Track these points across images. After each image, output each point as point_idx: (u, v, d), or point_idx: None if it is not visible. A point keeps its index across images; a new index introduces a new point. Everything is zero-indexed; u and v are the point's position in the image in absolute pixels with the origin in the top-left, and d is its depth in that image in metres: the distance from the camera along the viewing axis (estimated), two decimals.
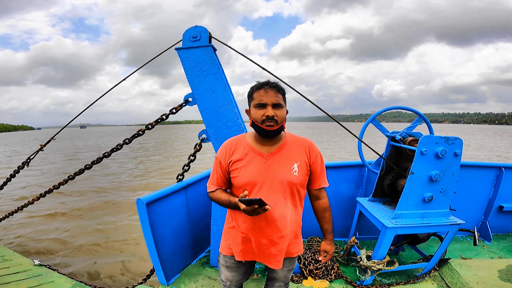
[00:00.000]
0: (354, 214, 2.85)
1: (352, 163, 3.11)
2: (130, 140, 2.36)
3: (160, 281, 2.34)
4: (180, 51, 2.26)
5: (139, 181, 11.33)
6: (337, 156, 18.38)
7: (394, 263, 2.30)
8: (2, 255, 3.41)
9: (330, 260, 2.57)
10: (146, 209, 2.06)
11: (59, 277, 2.87)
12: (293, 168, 1.36)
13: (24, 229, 6.10)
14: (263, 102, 1.30)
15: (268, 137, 1.37)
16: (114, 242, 5.36)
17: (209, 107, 2.21)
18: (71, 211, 7.37)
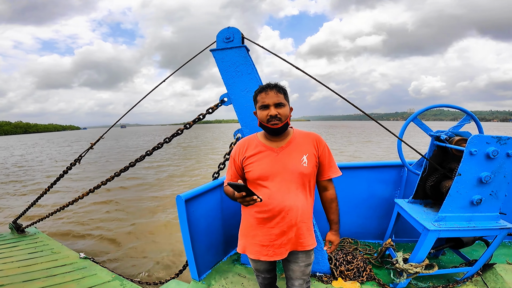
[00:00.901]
0: (392, 216, 2.75)
1: (390, 163, 2.98)
2: (170, 139, 2.48)
3: (192, 277, 2.40)
4: (214, 52, 2.32)
5: (177, 177, 11.79)
6: (369, 156, 17.70)
7: (433, 267, 2.19)
8: (51, 248, 3.74)
9: (362, 262, 2.52)
10: (184, 205, 2.14)
11: (101, 270, 3.07)
12: (303, 160, 1.46)
13: (72, 223, 6.62)
14: (266, 103, 1.42)
15: (275, 134, 1.48)
16: (150, 237, 5.63)
17: (244, 106, 2.25)
18: (115, 205, 7.88)
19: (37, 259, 3.36)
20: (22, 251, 3.63)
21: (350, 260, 2.55)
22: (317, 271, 2.46)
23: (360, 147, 22.29)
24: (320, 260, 2.45)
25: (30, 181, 12.16)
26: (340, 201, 2.95)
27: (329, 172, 1.55)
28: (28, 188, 10.64)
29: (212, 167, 14.05)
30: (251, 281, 2.40)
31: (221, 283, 2.38)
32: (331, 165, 1.55)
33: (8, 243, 3.94)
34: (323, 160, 1.53)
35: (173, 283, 2.42)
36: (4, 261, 3.30)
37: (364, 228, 3.13)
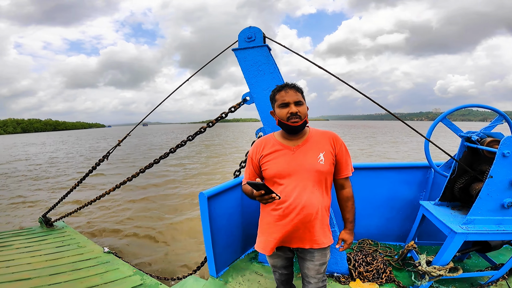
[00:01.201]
0: (416, 218, 2.68)
1: (415, 165, 2.90)
2: (193, 137, 2.53)
3: (210, 273, 2.43)
4: (237, 51, 2.34)
5: (200, 175, 12.02)
6: (390, 156, 17.21)
7: (458, 270, 2.12)
8: (77, 241, 3.88)
9: (382, 263, 2.47)
10: (207, 202, 2.18)
11: (123, 264, 3.16)
12: (319, 158, 1.47)
13: (98, 217, 6.91)
14: (286, 101, 1.45)
15: (294, 132, 1.51)
16: (171, 234, 5.78)
17: (267, 105, 2.27)
18: (139, 202, 8.15)
19: (63, 253, 3.50)
20: (50, 245, 3.78)
21: (370, 261, 2.51)
22: (335, 272, 2.44)
23: (386, 148, 21.65)
24: (338, 261, 2.42)
25: (62, 177, 12.81)
26: (361, 202, 2.94)
27: (346, 170, 1.56)
28: (60, 184, 11.17)
29: (233, 164, 14.23)
30: (267, 279, 2.41)
31: (238, 280, 2.40)
32: (348, 163, 1.57)
33: (37, 237, 4.11)
34: (340, 158, 1.54)
35: (191, 279, 2.45)
36: (32, 254, 3.45)
37: (385, 230, 3.07)
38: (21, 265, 3.14)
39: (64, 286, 2.70)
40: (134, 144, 31.88)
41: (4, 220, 7.00)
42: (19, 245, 3.77)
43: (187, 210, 7.21)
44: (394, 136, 34.34)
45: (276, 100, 1.51)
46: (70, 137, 61.87)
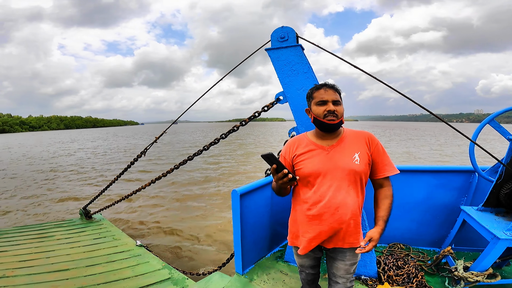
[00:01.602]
0: (455, 224, 2.56)
1: (457, 168, 2.75)
2: (226, 135, 2.59)
3: (236, 270, 2.44)
4: (270, 51, 2.36)
5: (232, 174, 12.23)
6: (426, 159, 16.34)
7: (496, 276, 2.03)
8: (113, 234, 4.09)
9: (414, 268, 2.38)
10: (239, 200, 2.21)
11: (153, 258, 3.28)
12: (354, 157, 1.46)
13: (133, 211, 7.27)
14: (324, 99, 1.45)
15: (329, 130, 1.50)
16: (198, 230, 5.95)
17: (300, 105, 2.27)
18: (173, 197, 8.48)
19: (100, 245, 3.69)
20: (88, 236, 4.02)
21: (401, 265, 2.43)
22: (362, 274, 2.39)
23: (427, 151, 20.56)
24: (367, 263, 2.37)
25: (102, 171, 13.61)
26: (395, 206, 2.81)
27: (384, 170, 1.52)
28: (103, 178, 11.90)
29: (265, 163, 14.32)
30: (292, 279, 2.40)
31: (263, 278, 2.41)
32: (385, 163, 1.52)
33: (77, 228, 4.38)
34: (376, 158, 1.51)
35: (217, 275, 2.48)
36: (72, 245, 3.68)
37: (418, 234, 2.96)
38: (61, 256, 3.34)
39: (99, 277, 2.84)
40: (167, 141, 33.05)
41: (49, 210, 7.61)
42: (60, 236, 4.03)
43: (216, 208, 7.37)
44: (436, 138, 32.56)
45: (314, 98, 1.51)
46: (108, 134, 65.53)
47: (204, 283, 2.42)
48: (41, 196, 9.02)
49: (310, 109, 1.57)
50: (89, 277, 2.85)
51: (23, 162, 17.62)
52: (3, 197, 8.91)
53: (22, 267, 3.03)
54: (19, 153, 22.70)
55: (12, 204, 8.10)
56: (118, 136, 48.36)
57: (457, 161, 15.61)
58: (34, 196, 9.02)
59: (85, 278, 2.81)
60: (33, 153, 22.59)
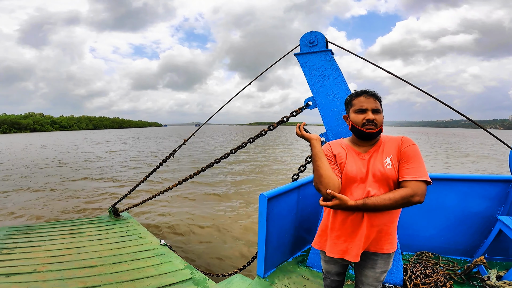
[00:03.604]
0: (491, 233, 2.51)
1: (493, 177, 2.66)
2: (254, 139, 2.62)
3: (257, 273, 2.45)
4: (299, 56, 2.36)
5: (258, 175, 12.30)
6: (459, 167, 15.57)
7: None
8: (138, 232, 4.19)
9: (443, 277, 2.32)
10: (266, 203, 2.22)
11: (176, 257, 3.33)
12: (386, 161, 1.43)
13: (158, 210, 7.45)
14: (364, 107, 1.44)
15: (367, 139, 1.48)
16: (223, 232, 5.97)
17: (331, 111, 2.26)
18: (200, 199, 8.60)
19: (126, 243, 3.78)
20: (115, 234, 4.12)
21: (429, 274, 2.37)
22: (387, 282, 2.33)
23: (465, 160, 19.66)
24: (393, 271, 2.32)
25: (132, 170, 14.05)
26: (422, 213, 2.81)
27: (406, 174, 1.37)
28: (132, 178, 12.24)
29: (291, 168, 14.29)
30: (314, 284, 2.37)
31: (283, 282, 2.40)
32: (411, 166, 1.38)
33: (106, 225, 4.51)
34: (402, 157, 1.41)
35: (237, 277, 2.49)
36: (100, 242, 3.79)
37: (448, 244, 2.87)
38: (90, 252, 3.44)
39: (124, 275, 2.90)
40: (192, 143, 33.65)
41: (83, 206, 7.98)
42: (90, 232, 4.17)
43: (241, 210, 7.42)
44: (474, 145, 30.88)
45: (353, 105, 1.50)
46: (137, 134, 67.38)
47: (225, 284, 2.44)
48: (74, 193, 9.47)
49: (348, 116, 1.55)
50: (115, 274, 2.92)
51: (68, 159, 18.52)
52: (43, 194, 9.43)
53: (54, 263, 3.13)
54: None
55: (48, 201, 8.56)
56: (150, 138, 49.34)
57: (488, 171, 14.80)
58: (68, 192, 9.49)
59: (111, 275, 2.89)
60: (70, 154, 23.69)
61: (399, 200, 1.32)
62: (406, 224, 2.84)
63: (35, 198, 8.80)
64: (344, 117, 1.60)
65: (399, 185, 1.41)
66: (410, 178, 1.35)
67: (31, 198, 8.77)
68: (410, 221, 2.84)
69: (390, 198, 1.33)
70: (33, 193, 9.50)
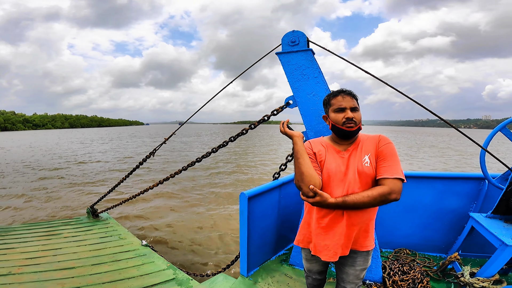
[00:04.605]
0: (463, 230, 2.57)
1: (465, 175, 2.76)
2: (235, 138, 2.61)
3: (241, 272, 2.46)
4: (280, 55, 2.36)
5: (239, 175, 12.24)
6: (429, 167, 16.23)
7: (502, 283, 2.03)
8: (119, 233, 4.10)
9: (420, 273, 2.40)
10: (247, 202, 2.22)
11: (158, 258, 3.29)
12: (365, 159, 1.46)
13: (139, 210, 7.31)
14: (343, 106, 1.47)
15: (347, 137, 1.52)
16: (205, 232, 5.95)
17: (310, 110, 2.27)
18: (179, 198, 8.50)
19: (106, 244, 3.70)
20: (94, 235, 4.03)
21: (406, 270, 2.45)
22: (367, 279, 2.39)
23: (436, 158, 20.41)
24: (373, 268, 2.37)
25: (111, 171, 13.67)
26: (400, 211, 2.89)
27: (382, 171, 1.41)
28: (111, 176, 12.00)
29: (272, 167, 14.34)
30: (297, 282, 2.40)
31: (267, 281, 2.41)
32: (387, 164, 1.41)
33: (84, 226, 4.40)
34: (379, 155, 1.45)
35: (221, 277, 2.49)
36: (78, 243, 3.69)
37: (425, 241, 2.96)
38: (68, 254, 3.35)
39: (105, 276, 2.85)
40: (174, 142, 33.05)
41: (59, 206, 7.68)
42: (68, 234, 4.05)
43: (223, 209, 7.39)
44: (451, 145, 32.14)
45: (332, 105, 1.52)
46: (113, 133, 65.46)
47: (208, 284, 2.43)
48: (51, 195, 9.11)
49: (327, 116, 1.57)
50: (95, 275, 2.86)
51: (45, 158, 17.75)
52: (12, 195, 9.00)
53: (29, 265, 3.05)
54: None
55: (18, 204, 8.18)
56: (136, 137, 47.82)
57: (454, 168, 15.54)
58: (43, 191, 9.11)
59: (91, 277, 2.83)
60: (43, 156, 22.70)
61: (377, 198, 1.35)
62: (385, 222, 2.91)
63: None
64: (323, 117, 1.62)
65: (376, 182, 1.44)
66: (387, 176, 1.38)
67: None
68: (389, 218, 2.91)
69: (369, 195, 1.36)
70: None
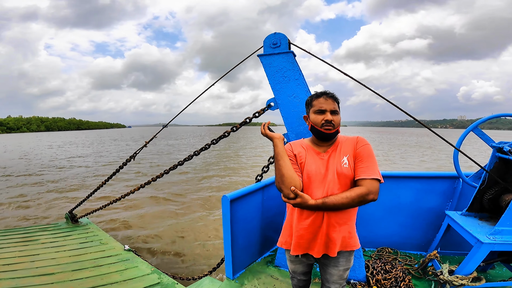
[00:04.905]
0: (440, 228, 2.64)
1: (441, 174, 2.84)
2: (217, 140, 2.58)
3: (226, 275, 2.44)
4: (262, 57, 2.36)
5: (221, 178, 12.14)
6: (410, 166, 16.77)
7: (481, 280, 2.09)
8: (100, 238, 4.00)
9: (401, 272, 2.45)
10: (229, 205, 2.20)
11: (142, 262, 3.24)
12: (343, 161, 1.49)
13: (121, 215, 7.13)
14: (323, 108, 1.49)
15: (325, 139, 1.54)
16: (189, 235, 5.89)
17: (291, 112, 2.28)
18: (162, 202, 8.36)
19: (86, 249, 3.60)
20: (74, 241, 3.91)
21: (389, 269, 2.49)
22: (351, 279, 2.42)
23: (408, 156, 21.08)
24: (356, 267, 2.41)
25: (91, 176, 13.26)
26: (381, 210, 2.94)
27: (360, 172, 1.43)
28: (90, 181, 11.62)
29: (255, 169, 14.31)
30: (283, 284, 2.40)
31: (253, 283, 2.41)
32: (368, 166, 1.44)
33: (63, 232, 4.25)
34: (357, 156, 1.48)
35: (207, 280, 2.48)
36: (57, 249, 3.58)
37: (405, 239, 3.02)
38: (46, 260, 3.24)
39: (86, 282, 2.78)
40: (158, 145, 32.46)
41: (35, 213, 7.35)
42: (45, 240, 3.91)
43: (208, 212, 7.31)
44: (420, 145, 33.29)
45: (313, 106, 1.54)
46: (97, 136, 63.55)
47: (194, 287, 2.40)
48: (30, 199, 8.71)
49: (308, 116, 1.59)
50: (75, 281, 2.79)
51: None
52: None
53: (6, 271, 2.95)
54: None
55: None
56: (119, 140, 46.50)
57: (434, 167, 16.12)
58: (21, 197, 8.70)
59: (71, 282, 2.76)
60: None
61: (356, 199, 1.37)
62: (368, 221, 2.96)
63: None
64: (304, 118, 1.64)
65: (355, 183, 1.46)
66: (364, 177, 1.41)
67: None
68: (371, 217, 2.96)
69: (348, 196, 1.38)
70: None
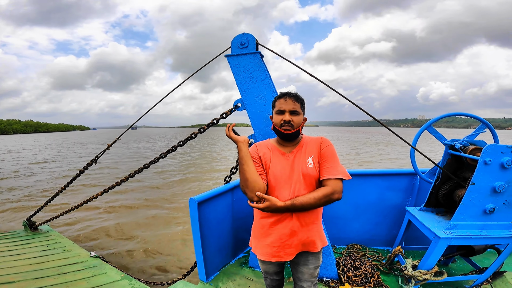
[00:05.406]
0: (402, 224, 2.75)
1: (401, 171, 2.97)
2: (184, 142, 2.52)
3: (200, 278, 2.42)
4: (229, 58, 2.35)
5: (189, 181, 11.84)
6: (377, 163, 17.58)
7: (443, 274, 2.19)
8: (63, 245, 3.79)
9: (370, 268, 2.52)
10: (197, 208, 2.17)
11: (110, 269, 3.11)
12: (308, 161, 1.51)
13: (84, 222, 6.73)
14: (282, 109, 1.51)
15: (285, 139, 1.56)
16: (160, 239, 5.68)
17: (258, 112, 2.29)
18: (127, 206, 7.99)
19: (48, 257, 3.41)
20: (34, 248, 3.69)
21: (358, 266, 2.56)
22: (324, 276, 2.47)
23: (370, 154, 22.12)
24: (328, 265, 2.46)
25: (49, 181, 12.39)
26: (350, 208, 3.02)
27: (326, 172, 1.46)
28: (48, 187, 10.83)
29: (224, 171, 14.15)
30: (258, 284, 2.41)
31: (228, 285, 2.40)
32: (329, 165, 1.47)
33: (21, 240, 4.00)
34: (321, 157, 1.51)
35: (181, 284, 2.43)
36: (16, 258, 3.36)
37: (373, 235, 3.13)
38: (5, 269, 3.05)
39: None
40: (126, 148, 31.19)
41: None
42: (3, 248, 3.66)
43: (178, 216, 7.12)
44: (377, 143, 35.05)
45: (275, 107, 1.57)
46: (58, 139, 59.88)
47: None
48: None
49: (272, 116, 1.60)
50: None
51: None
52: None
53: None
54: None
55: None
56: (85, 143, 43.78)
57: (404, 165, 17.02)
58: None
59: None
60: None
61: (322, 198, 1.40)
62: (338, 219, 3.03)
63: None
64: (270, 118, 1.65)
65: (320, 183, 1.49)
66: (329, 177, 1.44)
67: None
68: (341, 215, 3.04)
69: (315, 197, 1.40)
70: None
